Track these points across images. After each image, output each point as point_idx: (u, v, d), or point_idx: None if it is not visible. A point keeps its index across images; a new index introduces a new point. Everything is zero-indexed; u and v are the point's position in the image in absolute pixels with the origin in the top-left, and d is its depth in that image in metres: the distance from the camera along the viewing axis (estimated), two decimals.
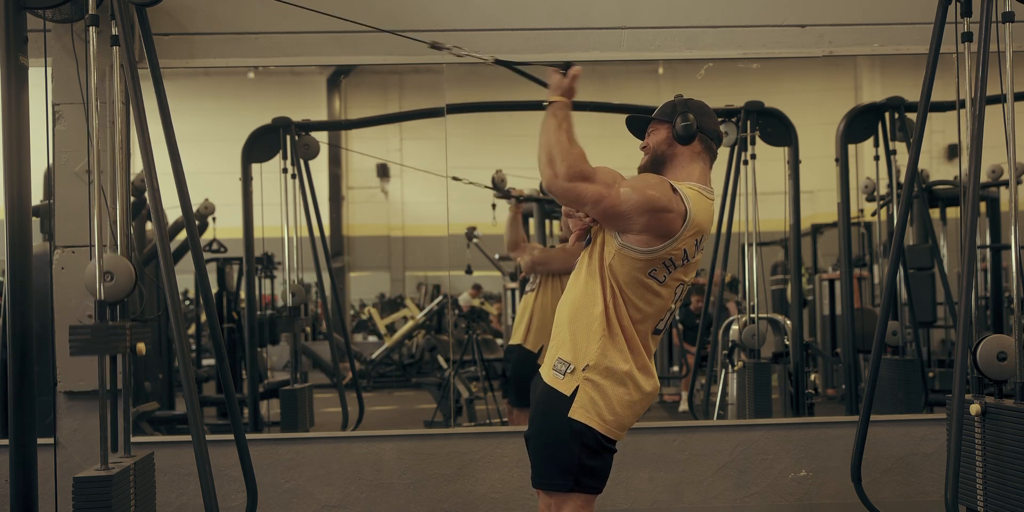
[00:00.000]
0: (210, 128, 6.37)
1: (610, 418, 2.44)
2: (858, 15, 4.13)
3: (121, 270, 3.08)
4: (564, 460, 2.42)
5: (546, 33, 4.10)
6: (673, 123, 2.59)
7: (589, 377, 2.43)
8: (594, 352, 2.44)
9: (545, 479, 2.45)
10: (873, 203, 5.94)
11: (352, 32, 4.06)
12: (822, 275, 6.81)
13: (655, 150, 2.60)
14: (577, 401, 2.42)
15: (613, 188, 2.40)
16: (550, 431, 2.44)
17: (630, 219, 2.40)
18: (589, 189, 2.38)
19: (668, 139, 2.59)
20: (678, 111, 2.61)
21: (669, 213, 2.42)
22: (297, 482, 3.99)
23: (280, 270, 6.51)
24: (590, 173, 2.40)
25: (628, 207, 2.39)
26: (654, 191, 2.42)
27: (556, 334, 2.54)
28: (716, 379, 5.21)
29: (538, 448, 2.47)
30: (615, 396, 2.44)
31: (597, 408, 2.43)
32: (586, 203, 2.40)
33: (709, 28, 4.13)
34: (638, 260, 2.44)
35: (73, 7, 3.44)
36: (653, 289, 2.48)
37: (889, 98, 4.75)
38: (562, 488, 2.43)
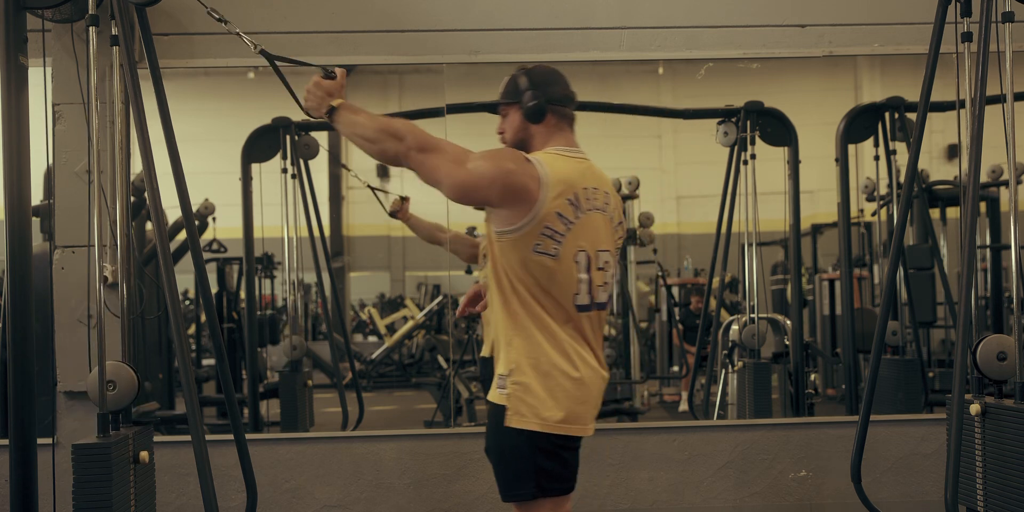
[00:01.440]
0: (210, 128, 6.37)
1: (547, 414, 2.37)
2: (858, 15, 4.13)
3: (123, 378, 3.07)
4: (521, 469, 2.39)
5: (546, 33, 4.10)
6: (520, 104, 2.52)
7: (515, 381, 2.39)
8: (512, 356, 2.41)
9: (509, 491, 2.42)
10: (873, 203, 5.94)
11: (352, 32, 4.06)
12: (822, 275, 6.81)
13: (513, 139, 2.55)
14: (510, 409, 2.38)
15: (464, 160, 2.35)
16: (499, 444, 2.41)
17: (486, 190, 2.34)
18: (439, 164, 2.34)
19: (521, 123, 2.53)
20: (521, 88, 2.52)
21: (522, 177, 2.35)
22: (297, 482, 3.99)
23: (280, 270, 6.52)
24: (436, 144, 2.37)
25: (480, 176, 2.33)
26: (504, 159, 2.38)
27: (495, 355, 2.52)
28: (716, 379, 5.21)
29: (495, 463, 2.44)
30: (545, 390, 2.38)
31: (533, 409, 2.37)
32: (438, 182, 2.35)
33: (709, 28, 4.13)
34: (518, 240, 2.38)
35: (73, 7, 3.44)
36: (548, 266, 2.40)
37: (889, 98, 4.75)
38: (527, 497, 2.40)
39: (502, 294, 2.43)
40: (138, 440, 3.09)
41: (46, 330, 3.79)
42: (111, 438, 2.92)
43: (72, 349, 3.81)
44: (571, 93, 2.58)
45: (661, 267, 6.63)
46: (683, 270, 8.91)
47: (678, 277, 8.60)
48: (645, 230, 6.34)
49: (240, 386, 5.40)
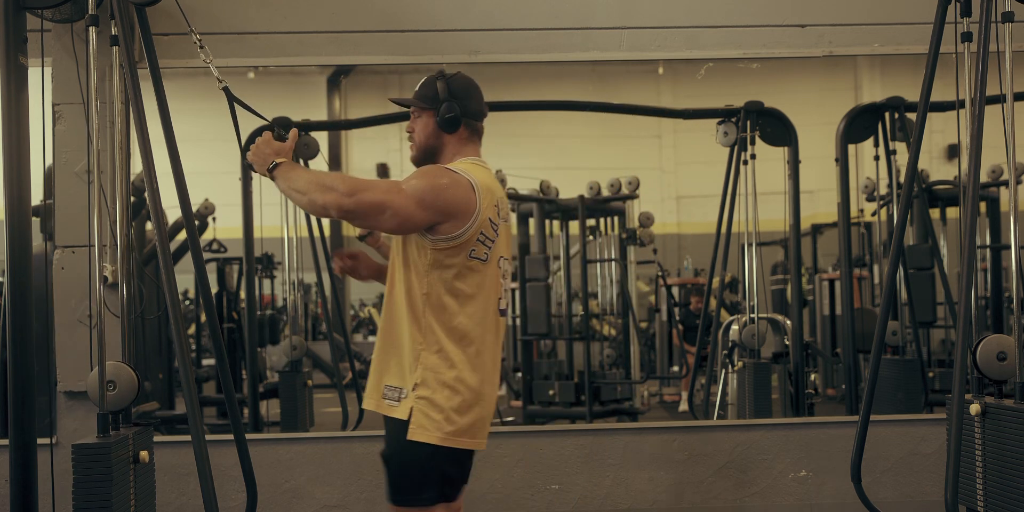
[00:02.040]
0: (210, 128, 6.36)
1: (450, 428, 2.40)
2: (858, 15, 4.13)
3: (124, 378, 3.06)
4: (424, 477, 2.41)
5: (546, 33, 4.10)
6: (436, 111, 2.52)
7: (422, 395, 2.40)
8: (419, 371, 2.41)
9: (407, 496, 2.43)
10: (873, 203, 5.94)
11: (352, 32, 4.06)
12: (822, 275, 6.82)
13: (424, 144, 2.54)
14: (414, 422, 2.39)
15: (399, 188, 2.37)
16: (401, 456, 2.42)
17: (430, 208, 2.36)
18: (377, 197, 2.35)
19: (435, 131, 2.53)
20: (441, 98, 2.51)
21: (459, 189, 2.39)
22: (297, 482, 3.99)
23: (280, 270, 6.52)
24: (368, 184, 2.39)
25: (421, 198, 2.35)
26: (434, 176, 2.41)
27: (376, 363, 2.51)
28: (716, 379, 5.21)
29: (393, 471, 2.45)
30: (449, 406, 2.40)
31: (435, 423, 2.39)
32: (381, 212, 2.35)
33: (709, 28, 4.13)
34: (458, 246, 2.41)
35: (73, 7, 3.44)
36: (479, 271, 2.44)
37: (889, 98, 4.75)
38: (426, 501, 2.42)
39: (413, 309, 2.42)
40: (138, 440, 3.09)
41: (46, 330, 3.79)
42: (111, 438, 2.92)
43: (72, 349, 3.81)
44: (485, 109, 2.60)
45: (661, 267, 6.64)
46: (683, 270, 8.91)
47: (678, 277, 8.61)
48: (645, 230, 6.34)
49: (240, 386, 5.40)
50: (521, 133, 8.54)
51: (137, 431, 3.10)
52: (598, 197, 6.24)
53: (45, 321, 3.77)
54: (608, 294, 6.80)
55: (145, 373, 4.93)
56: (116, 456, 2.90)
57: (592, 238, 6.73)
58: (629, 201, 6.31)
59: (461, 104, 2.52)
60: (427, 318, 2.42)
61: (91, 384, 3.01)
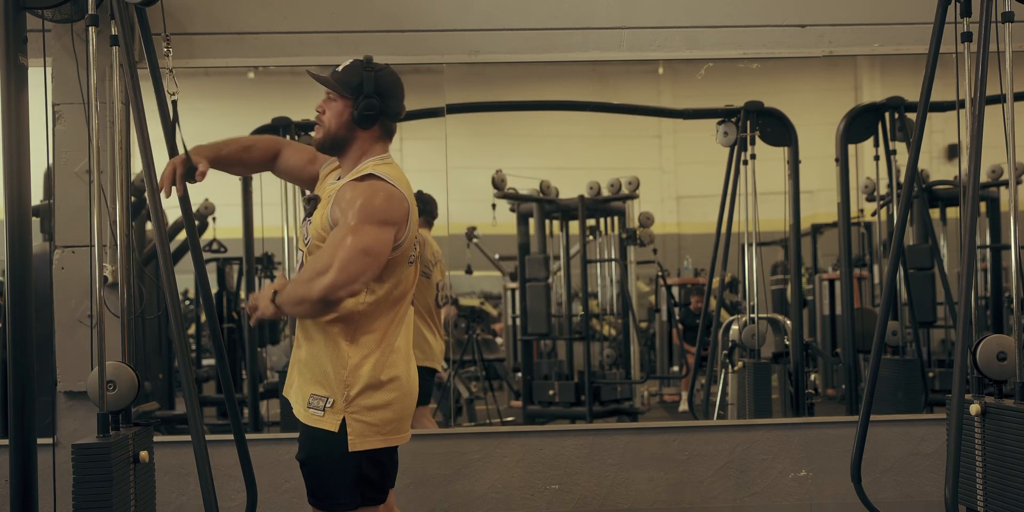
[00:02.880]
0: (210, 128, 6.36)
1: (388, 428, 2.38)
2: (858, 15, 4.13)
3: (124, 378, 3.06)
4: (346, 480, 2.36)
5: (546, 33, 4.10)
6: (355, 102, 2.41)
7: (354, 403, 2.35)
8: (346, 380, 2.35)
9: (328, 501, 2.39)
10: (873, 203, 5.94)
11: (352, 32, 4.06)
12: (822, 275, 6.81)
13: (334, 133, 2.44)
14: (351, 433, 2.34)
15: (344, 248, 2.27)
16: (327, 462, 2.36)
17: (388, 223, 2.31)
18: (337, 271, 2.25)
19: (348, 122, 2.42)
20: (364, 91, 2.40)
21: (394, 199, 2.35)
22: (297, 482, 3.97)
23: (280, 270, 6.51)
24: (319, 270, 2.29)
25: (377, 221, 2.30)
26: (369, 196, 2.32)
27: (298, 373, 2.45)
28: (716, 379, 5.21)
29: (315, 473, 2.39)
30: (386, 406, 2.37)
31: (373, 429, 2.36)
32: (361, 274, 2.28)
33: (709, 28, 4.13)
34: (400, 255, 2.38)
35: (73, 7, 3.44)
36: (406, 268, 2.43)
37: (889, 98, 4.75)
38: (348, 506, 2.38)
39: (340, 315, 2.35)
40: (138, 440, 3.09)
41: (46, 330, 3.79)
42: (111, 438, 2.92)
43: (72, 349, 3.81)
44: (403, 110, 2.51)
45: (661, 267, 6.63)
46: (683, 270, 8.90)
47: (678, 277, 8.60)
48: (645, 230, 6.33)
49: (240, 386, 5.40)
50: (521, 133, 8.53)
51: (137, 431, 3.10)
52: (598, 197, 6.23)
53: (45, 321, 3.77)
54: (608, 294, 6.80)
55: (145, 373, 4.93)
56: (116, 456, 2.90)
57: (592, 238, 6.73)
58: (629, 201, 6.30)
59: (383, 102, 2.42)
60: (356, 322, 2.36)
61: (91, 384, 3.01)
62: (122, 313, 3.22)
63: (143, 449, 3.09)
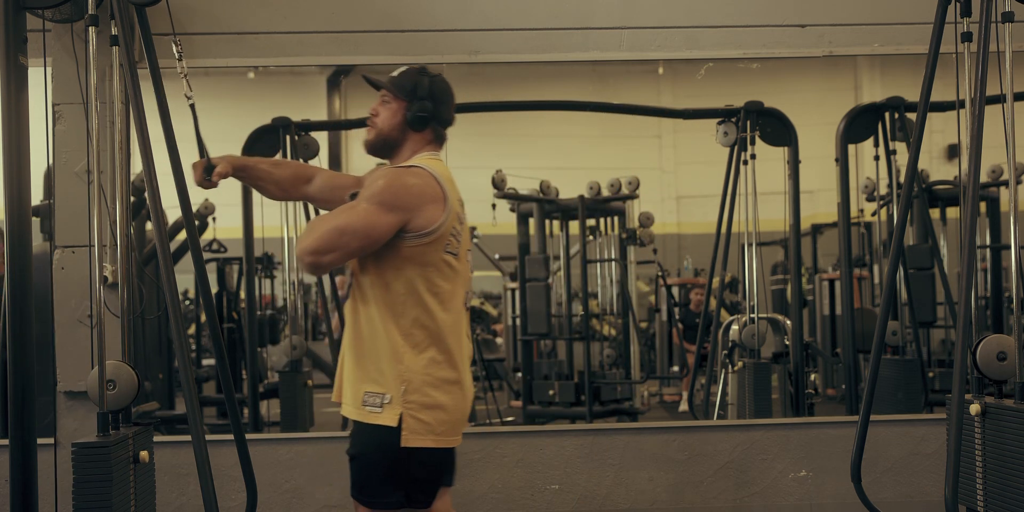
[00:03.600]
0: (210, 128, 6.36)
1: (442, 429, 2.39)
2: (858, 15, 4.13)
3: (124, 377, 3.06)
4: (393, 478, 2.37)
5: (546, 33, 4.10)
6: (410, 105, 2.48)
7: (410, 400, 2.35)
8: (403, 375, 2.36)
9: (373, 497, 2.39)
10: (873, 203, 5.94)
11: (352, 32, 4.06)
12: (822, 275, 6.81)
13: (386, 134, 2.49)
14: (406, 428, 2.35)
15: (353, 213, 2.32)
16: (380, 457, 2.38)
17: (395, 209, 2.33)
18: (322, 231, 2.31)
19: (401, 124, 2.48)
20: (417, 94, 2.47)
21: (420, 179, 2.37)
22: (297, 482, 3.99)
23: (280, 270, 6.52)
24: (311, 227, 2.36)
25: (380, 202, 2.32)
26: (392, 176, 2.37)
27: (350, 371, 2.45)
28: (716, 379, 5.21)
29: (365, 465, 2.40)
30: (442, 404, 2.38)
31: (428, 427, 2.36)
32: (339, 238, 2.31)
33: (709, 28, 4.13)
34: (433, 242, 2.37)
35: (73, 7, 3.44)
36: (453, 266, 2.42)
37: (889, 98, 4.75)
38: (392, 505, 2.38)
39: (392, 310, 2.38)
40: (138, 440, 3.09)
41: (46, 330, 3.78)
42: (111, 438, 2.92)
43: (72, 349, 3.81)
44: (453, 119, 2.58)
45: (661, 267, 6.64)
46: (683, 270, 8.91)
47: (678, 277, 8.61)
48: (645, 230, 6.34)
49: (240, 386, 5.40)
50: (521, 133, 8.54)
51: (137, 431, 3.10)
52: (598, 197, 6.24)
53: (45, 321, 3.77)
54: (608, 294, 6.80)
55: (145, 373, 4.94)
56: (116, 456, 2.90)
57: (592, 238, 6.73)
58: (629, 201, 6.31)
59: (436, 107, 2.48)
60: (407, 317, 2.37)
61: (91, 384, 3.01)
62: (122, 313, 3.22)
63: (143, 449, 3.09)
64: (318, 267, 2.35)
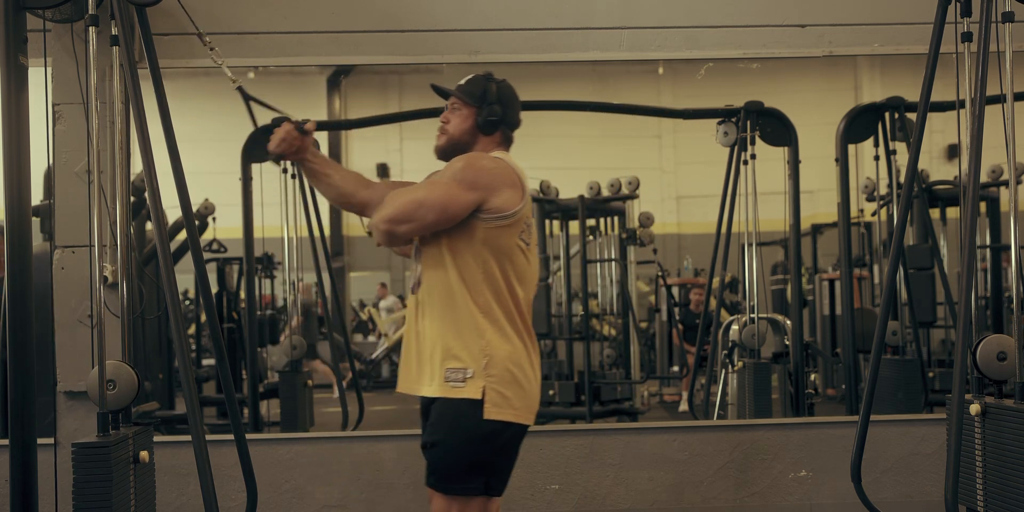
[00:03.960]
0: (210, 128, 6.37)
1: (519, 404, 2.43)
2: (858, 15, 4.13)
3: (124, 378, 3.06)
4: (476, 461, 2.41)
5: (546, 33, 4.10)
6: (480, 110, 2.55)
7: (492, 374, 2.40)
8: (484, 349, 2.41)
9: (454, 483, 2.42)
10: (873, 203, 5.94)
11: (352, 32, 4.06)
12: (822, 275, 6.81)
13: (457, 139, 2.57)
14: (488, 401, 2.39)
15: (433, 187, 2.43)
16: (460, 433, 2.41)
17: (473, 187, 2.40)
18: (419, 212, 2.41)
19: (472, 128, 2.56)
20: (488, 100, 2.55)
21: (499, 164, 2.47)
22: (297, 482, 3.99)
23: (280, 270, 6.52)
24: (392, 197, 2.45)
25: (460, 179, 2.40)
26: (472, 157, 2.47)
27: (427, 348, 2.48)
28: (716, 379, 5.21)
29: (445, 451, 2.42)
30: (519, 382, 2.43)
31: (508, 401, 2.41)
32: (427, 222, 2.41)
33: (709, 28, 4.13)
34: (510, 226, 2.44)
35: (73, 7, 3.44)
36: (524, 255, 2.49)
37: (889, 98, 4.75)
38: (472, 491, 2.41)
39: (468, 286, 2.44)
40: (138, 440, 3.09)
41: (46, 330, 3.78)
42: (111, 437, 2.92)
43: (72, 349, 3.81)
44: (520, 122, 2.65)
45: (661, 267, 6.64)
46: (683, 270, 8.91)
47: (678, 277, 8.61)
48: (645, 230, 6.34)
49: (240, 386, 5.40)
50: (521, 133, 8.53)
51: (137, 431, 3.10)
52: (598, 197, 6.24)
53: (45, 321, 3.77)
54: (608, 294, 6.80)
55: (145, 373, 4.94)
56: (116, 456, 2.90)
57: (592, 238, 6.73)
58: (629, 201, 6.31)
59: (504, 110, 2.56)
60: (485, 296, 2.43)
61: (91, 383, 3.01)
62: (122, 313, 3.22)
63: (143, 449, 3.09)
64: (392, 236, 2.46)
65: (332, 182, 2.67)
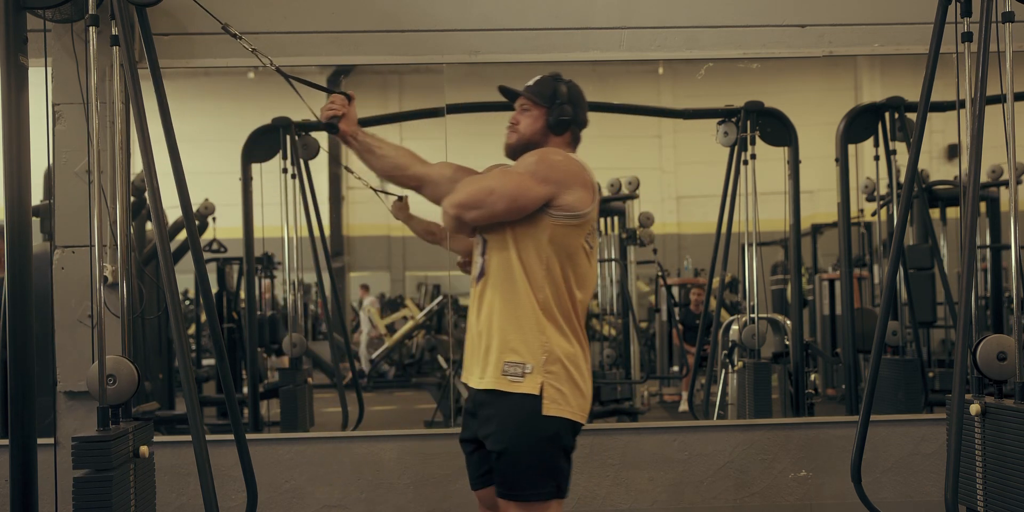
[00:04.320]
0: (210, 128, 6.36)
1: (575, 402, 2.43)
2: (858, 15, 4.13)
3: (124, 372, 3.06)
4: (546, 466, 2.40)
5: (546, 33, 4.10)
6: (550, 110, 2.56)
7: (550, 370, 2.41)
8: (544, 345, 2.42)
9: (528, 490, 2.40)
10: (873, 203, 5.94)
11: (352, 32, 4.06)
12: (822, 275, 6.81)
13: (528, 139, 2.58)
14: (546, 397, 2.40)
15: (506, 176, 2.44)
16: (527, 437, 2.40)
17: (546, 181, 2.41)
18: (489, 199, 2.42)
19: (542, 129, 2.57)
20: (558, 100, 2.56)
21: (573, 163, 2.48)
22: (297, 482, 3.99)
23: (280, 270, 6.52)
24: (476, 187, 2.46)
25: (533, 172, 2.41)
26: (546, 152, 2.48)
27: (488, 340, 2.49)
28: (716, 379, 5.20)
29: (516, 459, 2.40)
30: (575, 381, 2.43)
31: (564, 397, 2.41)
32: (496, 210, 2.42)
33: (709, 28, 4.13)
34: (579, 226, 2.46)
35: (73, 7, 3.44)
36: (588, 255, 2.50)
37: (889, 98, 4.75)
38: (545, 496, 2.40)
39: (531, 282, 2.44)
40: (138, 435, 3.08)
41: (46, 330, 3.78)
42: (111, 432, 2.92)
43: (72, 349, 3.81)
44: (587, 121, 2.66)
45: (661, 267, 6.63)
46: (683, 270, 8.90)
47: (678, 277, 8.60)
48: (645, 230, 6.34)
49: (240, 386, 5.40)
50: None
51: (137, 426, 3.09)
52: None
53: (45, 321, 3.77)
54: (608, 294, 6.80)
55: (145, 373, 4.94)
56: (116, 451, 2.90)
57: None
58: (629, 201, 6.30)
59: (575, 110, 2.57)
60: (545, 293, 2.44)
61: (91, 378, 3.01)
62: (122, 313, 3.22)
63: (143, 443, 3.09)
64: (460, 222, 2.47)
65: (386, 153, 2.70)
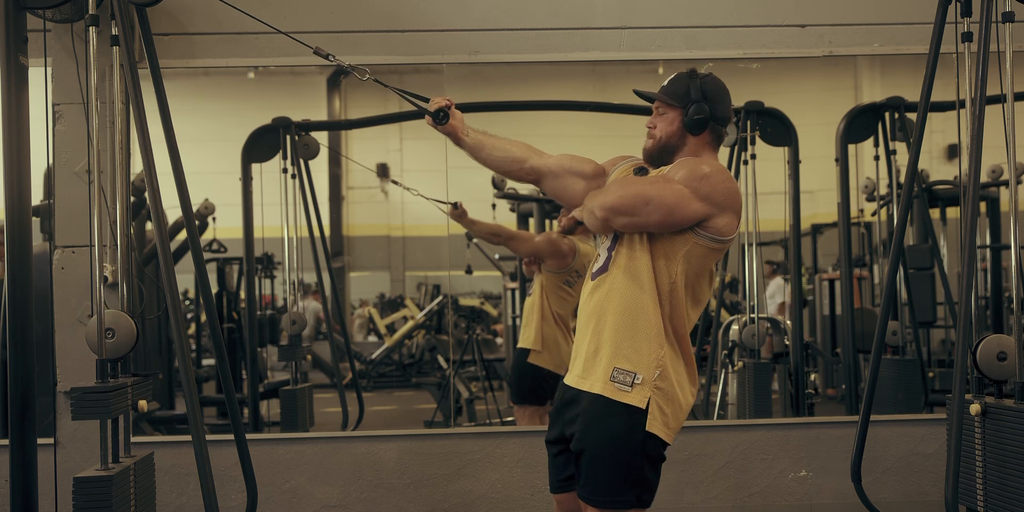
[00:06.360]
0: (210, 128, 6.37)
1: (674, 425, 2.36)
2: (858, 15, 4.13)
3: (123, 327, 3.04)
4: (630, 474, 2.33)
5: (546, 33, 4.10)
6: (686, 110, 2.44)
7: (660, 387, 2.32)
8: (659, 360, 2.33)
9: (607, 495, 2.33)
10: (873, 203, 5.94)
11: (352, 32, 4.06)
12: (822, 275, 6.81)
13: (665, 142, 2.46)
14: (651, 414, 2.31)
15: (667, 187, 2.30)
16: (620, 444, 2.32)
17: (706, 199, 2.30)
18: (646, 209, 2.29)
19: (679, 130, 2.45)
20: (692, 98, 2.44)
21: (731, 182, 2.36)
22: (297, 482, 3.99)
23: (280, 270, 6.52)
24: (631, 192, 2.33)
25: (695, 188, 2.30)
26: (707, 164, 2.36)
27: (598, 342, 2.39)
28: (716, 379, 5.21)
29: (599, 461, 2.34)
30: (679, 402, 2.36)
31: (665, 418, 2.33)
32: (650, 221, 2.31)
33: (709, 28, 4.13)
34: (718, 250, 2.36)
35: (73, 7, 3.44)
36: (711, 280, 2.41)
37: (889, 98, 4.75)
38: (624, 505, 2.34)
39: (658, 295, 2.35)
40: (137, 389, 3.07)
41: (46, 330, 3.79)
42: (109, 384, 2.92)
43: (72, 349, 3.81)
44: (731, 115, 2.53)
45: None
46: None
47: None
48: None
49: (240, 386, 5.40)
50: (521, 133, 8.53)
51: (136, 380, 3.08)
52: None
53: (45, 321, 3.77)
54: None
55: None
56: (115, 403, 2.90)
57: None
58: None
59: (711, 106, 2.44)
60: (666, 308, 2.35)
61: (90, 331, 3.00)
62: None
63: (142, 398, 3.07)
64: (606, 225, 2.36)
65: (499, 145, 2.63)
